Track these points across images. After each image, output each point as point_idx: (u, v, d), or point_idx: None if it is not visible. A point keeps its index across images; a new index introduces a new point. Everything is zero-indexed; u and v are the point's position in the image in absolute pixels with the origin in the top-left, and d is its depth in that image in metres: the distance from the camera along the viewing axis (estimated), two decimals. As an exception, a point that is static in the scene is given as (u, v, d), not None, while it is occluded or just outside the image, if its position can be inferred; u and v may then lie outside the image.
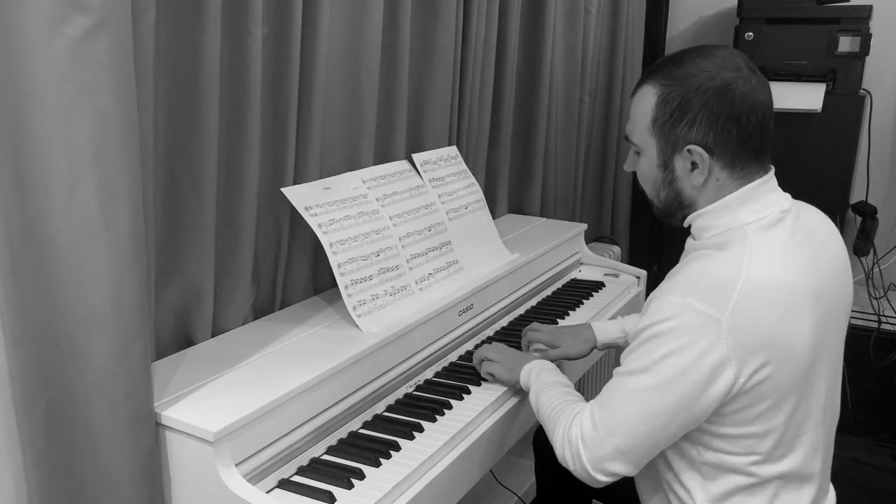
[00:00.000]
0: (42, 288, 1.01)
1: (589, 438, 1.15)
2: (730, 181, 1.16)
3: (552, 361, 1.47)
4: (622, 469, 1.15)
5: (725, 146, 1.13)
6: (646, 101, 1.18)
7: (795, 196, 1.22)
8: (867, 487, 2.52)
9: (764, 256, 1.10)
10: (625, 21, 2.80)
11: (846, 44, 2.66)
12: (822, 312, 1.13)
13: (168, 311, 1.34)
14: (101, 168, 1.00)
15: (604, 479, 1.16)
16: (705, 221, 1.19)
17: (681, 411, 1.10)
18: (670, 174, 1.19)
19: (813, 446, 1.18)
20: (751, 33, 2.77)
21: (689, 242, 1.24)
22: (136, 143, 1.04)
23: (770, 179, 1.18)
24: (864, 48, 2.65)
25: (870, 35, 2.65)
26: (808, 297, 1.11)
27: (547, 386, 1.33)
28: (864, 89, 2.76)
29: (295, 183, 1.51)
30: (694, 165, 1.16)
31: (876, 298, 2.80)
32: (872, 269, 2.88)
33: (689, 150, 1.15)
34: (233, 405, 1.14)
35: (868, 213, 2.83)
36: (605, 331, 1.62)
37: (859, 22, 2.66)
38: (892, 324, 2.72)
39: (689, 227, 1.23)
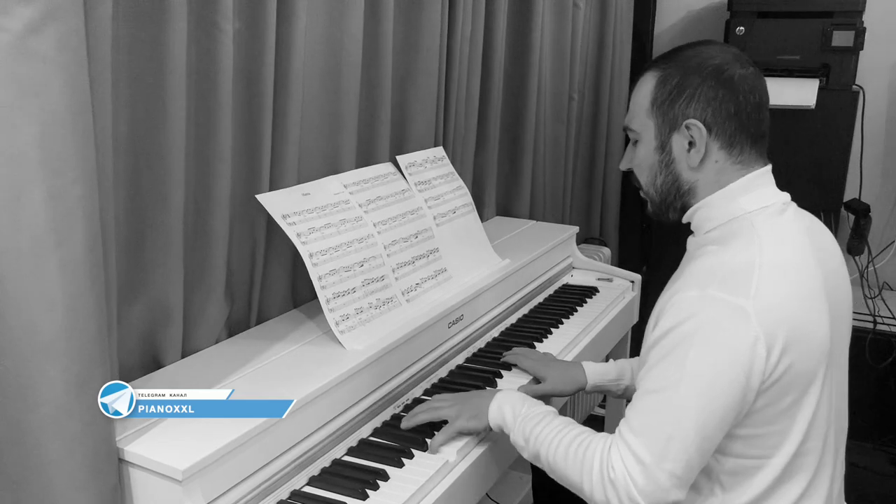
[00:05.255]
0: (-16, 314, 0.90)
1: (638, 474, 1.02)
2: (728, 164, 1.14)
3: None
4: (678, 496, 1.03)
5: (723, 124, 1.13)
6: (646, 86, 1.19)
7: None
8: (865, 493, 2.47)
9: (776, 241, 1.09)
10: (613, 16, 2.73)
11: (840, 38, 2.60)
12: (832, 306, 1.11)
13: (133, 332, 1.23)
14: (51, 177, 0.90)
15: None
16: (707, 213, 1.16)
17: (730, 410, 1.03)
18: (668, 155, 1.17)
19: (826, 443, 1.13)
20: (742, 27, 2.70)
21: (691, 241, 1.21)
22: (91, 148, 0.94)
23: (769, 173, 1.18)
24: (858, 43, 2.59)
25: (864, 29, 2.59)
26: (820, 285, 1.09)
27: (536, 422, 1.17)
28: (857, 85, 2.70)
29: (271, 189, 1.41)
30: (691, 144, 1.14)
31: (871, 298, 2.74)
32: (867, 268, 2.83)
33: (686, 126, 1.14)
34: (204, 437, 1.04)
35: (861, 211, 2.78)
36: (597, 372, 1.47)
37: (853, 16, 2.60)
38: (888, 325, 2.67)
39: (689, 224, 1.20)
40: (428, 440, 1.27)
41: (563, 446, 1.11)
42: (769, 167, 1.18)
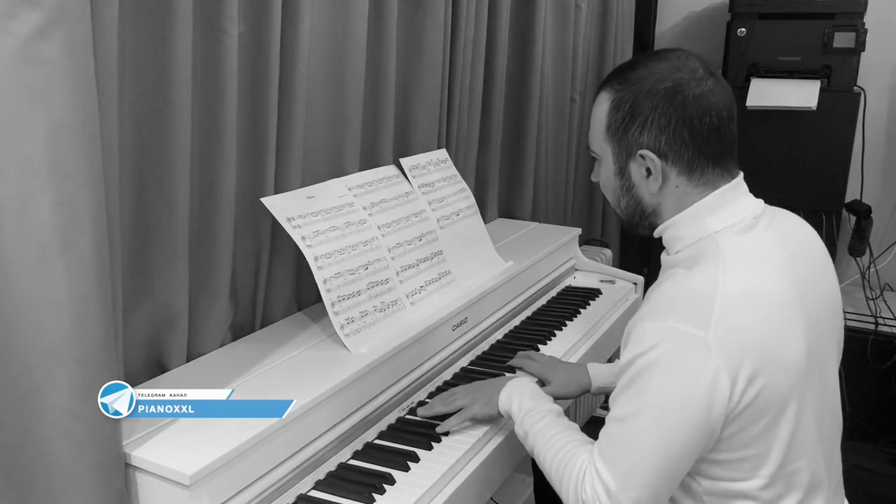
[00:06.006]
0: (-8, 319, 0.90)
1: (605, 499, 1.04)
2: (690, 188, 1.11)
3: None
4: None
5: (679, 151, 1.09)
6: (601, 108, 1.15)
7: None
8: (867, 494, 2.47)
9: (738, 265, 1.05)
10: (615, 17, 2.73)
11: (841, 40, 2.59)
12: (810, 316, 1.08)
13: (138, 336, 1.23)
14: (58, 182, 0.89)
15: None
16: (675, 232, 1.14)
17: (693, 440, 1.02)
18: (627, 181, 1.15)
19: (816, 457, 1.11)
20: (743, 29, 2.70)
21: (663, 258, 1.18)
22: (98, 152, 0.94)
23: (738, 185, 1.13)
24: (860, 44, 2.59)
25: (865, 31, 2.58)
26: (791, 302, 1.05)
27: (537, 419, 1.21)
28: (858, 86, 2.70)
29: (276, 192, 1.41)
30: (649, 171, 1.11)
31: (872, 300, 2.74)
32: (868, 269, 2.82)
33: (641, 156, 1.10)
34: (210, 442, 1.04)
35: (863, 212, 2.77)
36: (601, 374, 1.50)
37: (854, 17, 2.60)
38: (889, 325, 2.66)
39: (661, 238, 1.18)
40: (434, 443, 1.27)
41: (552, 452, 1.15)
42: (738, 179, 1.13)
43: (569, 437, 1.16)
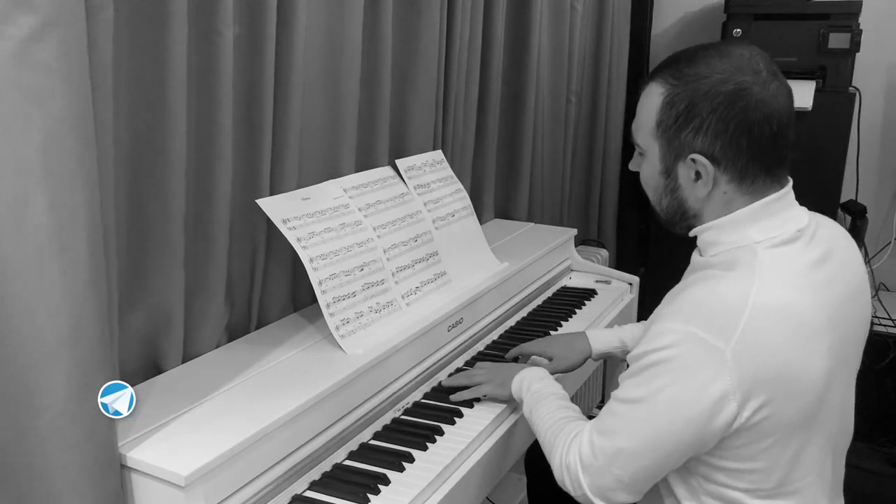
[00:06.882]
0: (-12, 321, 0.90)
1: (590, 466, 1.08)
2: (738, 195, 1.07)
3: None
4: (625, 498, 1.08)
5: (734, 158, 1.04)
6: (651, 102, 1.08)
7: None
8: (863, 493, 2.46)
9: (774, 279, 1.01)
10: (610, 18, 2.73)
11: (836, 40, 2.60)
12: (836, 338, 1.04)
13: (134, 337, 1.23)
14: (54, 185, 0.90)
15: None
16: (712, 236, 1.09)
17: (683, 444, 1.03)
18: (673, 182, 1.10)
19: (823, 474, 1.10)
20: (738, 30, 2.70)
21: (694, 257, 1.15)
22: (94, 155, 0.94)
23: (786, 195, 1.08)
24: (855, 44, 2.59)
25: (860, 31, 2.59)
26: (821, 324, 1.02)
27: (540, 399, 1.26)
28: (853, 86, 2.71)
29: (271, 194, 1.41)
30: (698, 175, 1.07)
31: (867, 299, 2.74)
32: (863, 269, 2.83)
33: (692, 160, 1.05)
34: (206, 443, 1.04)
35: (858, 212, 2.78)
36: (601, 339, 1.53)
37: (849, 17, 2.60)
38: (884, 325, 2.67)
39: (695, 238, 1.14)
40: (429, 443, 1.28)
41: (546, 424, 1.20)
42: (786, 188, 1.08)
43: (565, 413, 1.21)
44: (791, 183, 1.10)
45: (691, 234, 1.15)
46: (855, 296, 1.12)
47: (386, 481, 1.18)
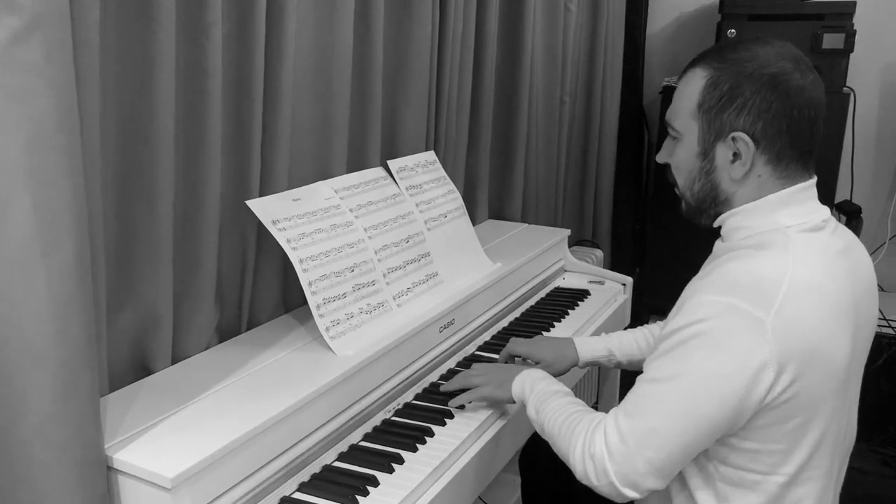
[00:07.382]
0: (-28, 324, 0.90)
1: (617, 453, 1.05)
2: (771, 179, 1.09)
3: None
4: (654, 484, 1.05)
5: (773, 139, 1.07)
6: (693, 84, 1.11)
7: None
8: (858, 494, 2.46)
9: (808, 259, 1.04)
10: (605, 18, 2.73)
11: (830, 40, 2.60)
12: (858, 325, 1.08)
13: (122, 339, 1.22)
14: (38, 186, 0.89)
15: (633, 495, 1.06)
16: (738, 221, 1.11)
17: (720, 421, 1.02)
18: (709, 163, 1.12)
19: (831, 471, 1.11)
20: (733, 30, 2.70)
21: (717, 245, 1.16)
22: (79, 156, 0.93)
23: (812, 187, 1.11)
24: (849, 45, 2.60)
25: (854, 31, 2.59)
26: (849, 308, 1.05)
27: (547, 397, 1.23)
28: (847, 87, 2.71)
29: (261, 195, 1.40)
30: (736, 156, 1.09)
31: (862, 300, 2.74)
32: (858, 269, 2.83)
33: (733, 138, 1.08)
34: (193, 444, 1.03)
35: (853, 212, 2.78)
36: (589, 347, 1.51)
37: (843, 18, 2.60)
38: (879, 326, 2.67)
39: (719, 228, 1.16)
40: (419, 444, 1.27)
41: (559, 420, 1.16)
42: (813, 180, 1.12)
43: (576, 408, 1.18)
44: (815, 178, 1.13)
45: (716, 223, 1.16)
46: (868, 293, 1.15)
47: (375, 483, 1.17)
